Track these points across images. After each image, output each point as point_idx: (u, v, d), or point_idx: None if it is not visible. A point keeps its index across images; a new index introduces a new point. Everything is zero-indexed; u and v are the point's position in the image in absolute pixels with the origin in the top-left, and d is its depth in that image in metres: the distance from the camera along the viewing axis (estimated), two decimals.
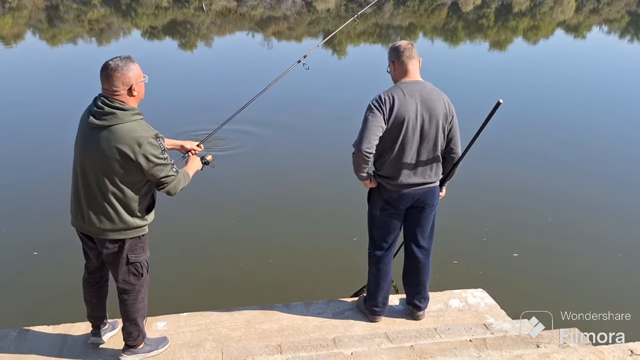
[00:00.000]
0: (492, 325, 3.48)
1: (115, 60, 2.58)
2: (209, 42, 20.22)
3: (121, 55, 2.62)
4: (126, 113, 2.59)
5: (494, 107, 3.01)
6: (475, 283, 4.21)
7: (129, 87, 2.59)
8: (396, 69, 3.12)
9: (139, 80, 2.64)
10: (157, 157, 2.63)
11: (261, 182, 6.87)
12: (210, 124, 3.48)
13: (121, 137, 2.56)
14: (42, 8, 26.41)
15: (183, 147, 3.26)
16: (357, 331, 3.46)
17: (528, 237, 5.68)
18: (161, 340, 3.25)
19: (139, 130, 2.59)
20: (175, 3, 28.73)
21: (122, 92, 2.59)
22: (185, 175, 2.88)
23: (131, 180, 2.67)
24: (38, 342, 3.27)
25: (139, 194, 2.73)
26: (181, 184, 2.82)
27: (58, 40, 19.49)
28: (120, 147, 2.56)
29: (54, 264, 4.92)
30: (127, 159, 2.58)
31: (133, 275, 2.92)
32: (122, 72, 2.56)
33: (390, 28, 23.60)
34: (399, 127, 3.02)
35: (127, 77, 2.58)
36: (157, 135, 2.65)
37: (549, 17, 27.67)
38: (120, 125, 2.57)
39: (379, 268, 3.42)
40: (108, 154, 2.58)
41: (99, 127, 2.59)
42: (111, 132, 2.57)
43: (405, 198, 3.22)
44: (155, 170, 2.65)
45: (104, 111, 2.57)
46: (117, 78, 2.56)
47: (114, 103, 2.58)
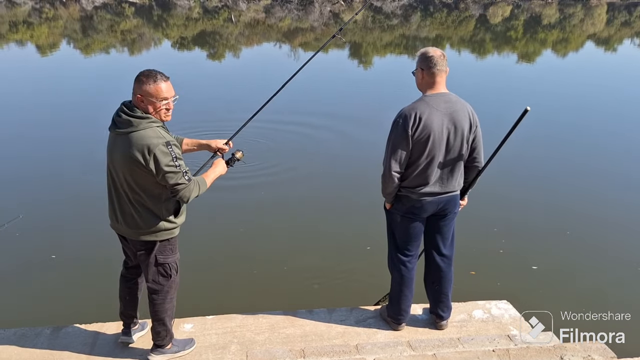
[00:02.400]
0: (515, 337, 3.47)
1: (147, 72, 2.72)
2: (236, 52, 20.55)
3: (160, 72, 2.75)
4: (142, 121, 2.68)
5: (521, 114, 3.02)
6: (492, 293, 4.21)
7: (139, 99, 2.71)
8: (424, 78, 3.12)
9: (155, 99, 2.72)
10: (167, 165, 2.68)
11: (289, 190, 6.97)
12: (238, 121, 3.54)
13: (134, 143, 2.66)
14: (77, 18, 27.25)
15: (210, 147, 3.29)
16: (380, 339, 3.49)
17: (546, 250, 5.62)
18: (188, 342, 3.33)
19: (150, 137, 2.67)
20: (205, 14, 29.29)
21: (136, 101, 2.73)
22: (200, 183, 2.89)
23: (148, 184, 2.76)
24: (71, 340, 3.38)
25: (161, 198, 2.82)
26: (194, 192, 2.82)
27: (91, 49, 20.06)
28: (133, 153, 2.66)
29: (84, 265, 5.07)
30: (140, 165, 2.68)
31: (162, 276, 3.01)
32: (140, 84, 2.70)
33: (417, 39, 23.61)
34: (425, 141, 3.05)
35: (136, 89, 2.71)
36: (168, 143, 2.69)
37: (579, 29, 27.33)
38: (135, 132, 2.67)
39: (402, 276, 3.44)
40: (126, 160, 2.70)
41: (120, 134, 2.72)
42: (129, 138, 2.68)
43: (428, 206, 3.24)
44: (165, 178, 2.71)
45: (122, 119, 2.69)
46: (136, 87, 2.71)
47: (132, 111, 2.69)
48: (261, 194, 6.75)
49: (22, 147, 8.41)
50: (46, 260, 5.16)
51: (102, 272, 4.64)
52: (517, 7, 33.11)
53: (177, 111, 2.87)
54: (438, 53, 3.08)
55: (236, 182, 6.80)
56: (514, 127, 3.11)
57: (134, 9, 30.36)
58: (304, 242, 5.68)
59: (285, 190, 6.96)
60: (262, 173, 7.37)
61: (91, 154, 7.38)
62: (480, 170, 3.31)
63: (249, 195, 6.72)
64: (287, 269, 5.11)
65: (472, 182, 3.37)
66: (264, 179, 7.19)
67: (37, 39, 22.05)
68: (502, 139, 3.17)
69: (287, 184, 7.16)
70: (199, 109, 9.83)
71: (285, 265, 5.18)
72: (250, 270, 5.07)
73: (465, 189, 3.38)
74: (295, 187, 7.10)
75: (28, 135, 8.99)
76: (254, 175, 7.25)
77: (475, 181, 3.36)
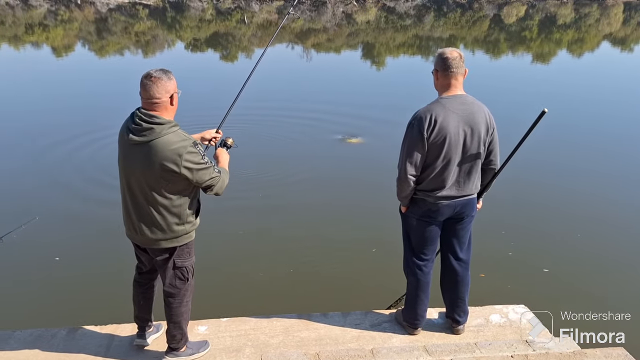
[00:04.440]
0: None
1: (157, 71, 2.69)
2: (249, 53, 20.59)
3: (162, 68, 2.74)
4: (163, 127, 2.66)
5: (539, 116, 2.98)
6: (503, 296, 4.15)
7: (170, 95, 2.69)
8: (439, 79, 3.09)
9: (176, 91, 2.75)
10: (198, 164, 2.71)
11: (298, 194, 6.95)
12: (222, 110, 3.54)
13: (161, 150, 2.64)
14: (92, 20, 27.49)
15: (203, 138, 3.32)
16: (395, 343, 3.45)
17: (555, 252, 5.56)
18: (202, 344, 3.32)
19: (177, 142, 2.66)
20: (219, 16, 29.41)
21: (164, 99, 2.68)
22: (226, 173, 2.97)
23: (178, 188, 2.76)
24: (86, 342, 3.38)
25: (188, 200, 2.83)
26: (225, 182, 2.92)
27: (106, 51, 20.24)
28: (163, 161, 2.64)
29: (99, 266, 5.10)
30: (171, 172, 2.67)
31: (179, 280, 3.01)
32: (164, 81, 2.67)
33: (431, 40, 23.48)
34: (441, 144, 3.01)
35: (168, 86, 2.68)
36: (195, 143, 2.73)
37: (595, 29, 27.00)
38: (160, 139, 2.65)
39: (418, 280, 3.40)
40: (151, 169, 2.67)
41: (139, 143, 2.68)
42: (151, 147, 2.65)
43: (445, 210, 3.20)
44: (200, 176, 2.74)
45: (142, 127, 2.65)
46: (160, 86, 2.65)
47: (151, 118, 2.66)
48: (268, 196, 6.75)
49: (41, 148, 8.48)
50: (61, 261, 5.19)
51: (115, 272, 4.66)
52: (532, 7, 32.78)
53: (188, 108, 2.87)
54: (454, 54, 3.03)
55: (248, 185, 6.82)
56: (531, 128, 3.07)
57: (147, 10, 30.57)
58: (314, 245, 5.64)
59: (292, 193, 6.95)
60: (270, 176, 7.40)
61: (108, 155, 7.41)
62: (496, 172, 3.26)
63: (256, 197, 6.73)
64: (293, 271, 5.09)
65: (488, 185, 3.32)
66: (270, 182, 7.22)
67: (52, 40, 22.29)
68: (519, 140, 3.13)
69: (295, 186, 7.16)
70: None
71: (291, 267, 5.16)
72: (257, 272, 5.06)
73: (481, 192, 3.34)
74: (304, 189, 7.10)
75: (46, 136, 9.08)
76: (265, 177, 7.26)
77: (491, 184, 3.32)
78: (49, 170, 7.62)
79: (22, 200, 6.56)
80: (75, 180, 7.25)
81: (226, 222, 5.89)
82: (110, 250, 5.17)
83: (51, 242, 5.54)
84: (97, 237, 5.61)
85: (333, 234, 5.85)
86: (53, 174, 7.51)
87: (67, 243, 5.57)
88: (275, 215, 6.30)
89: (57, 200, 6.63)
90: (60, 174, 7.47)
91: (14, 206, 6.35)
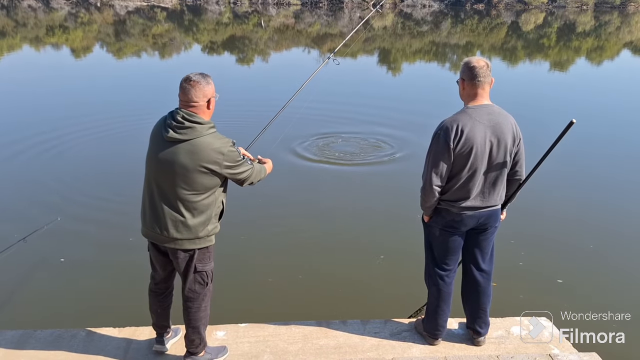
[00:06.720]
0: (557, 357, 3.35)
1: (196, 75, 2.75)
2: (265, 57, 20.68)
3: (202, 72, 2.79)
4: (204, 127, 2.73)
5: (567, 126, 2.94)
6: (514, 306, 4.11)
7: (207, 99, 2.76)
8: (465, 89, 3.06)
9: (214, 95, 2.80)
10: (237, 161, 2.84)
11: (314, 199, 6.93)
12: None
13: (203, 150, 2.71)
14: (110, 23, 27.83)
15: None
16: (415, 353, 3.41)
17: (568, 263, 5.47)
18: (221, 349, 3.31)
19: (217, 143, 2.75)
20: (236, 19, 29.59)
21: (202, 103, 2.75)
22: (260, 168, 3.09)
23: (210, 186, 2.81)
24: (105, 344, 3.38)
25: (215, 200, 2.86)
26: (260, 174, 3.06)
27: (123, 53, 20.45)
28: (205, 162, 2.72)
29: (118, 266, 5.12)
30: (212, 171, 2.75)
31: (199, 284, 3.00)
32: (203, 85, 2.73)
33: (447, 46, 23.40)
34: (468, 155, 2.97)
35: (206, 91, 2.75)
36: (233, 143, 2.84)
37: (615, 37, 26.71)
38: (201, 139, 2.72)
39: (440, 290, 3.36)
40: (190, 166, 2.72)
41: (178, 140, 2.72)
42: (192, 145, 2.71)
43: (469, 220, 3.16)
44: (238, 170, 2.87)
45: (184, 125, 2.70)
46: (199, 90, 2.72)
47: (193, 117, 2.72)
48: (288, 204, 6.74)
49: (66, 149, 8.56)
50: (80, 262, 5.22)
51: (133, 274, 4.67)
52: (550, 14, 32.57)
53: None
54: (481, 64, 3.00)
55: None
56: (559, 139, 3.02)
57: (165, 13, 30.88)
58: (333, 251, 5.60)
59: (309, 200, 6.94)
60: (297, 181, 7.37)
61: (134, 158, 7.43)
62: (521, 183, 3.22)
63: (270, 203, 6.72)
64: (312, 278, 5.06)
65: (512, 196, 3.28)
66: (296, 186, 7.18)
67: (72, 42, 22.59)
68: (546, 151, 3.09)
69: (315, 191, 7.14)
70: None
71: (310, 274, 5.12)
72: (274, 278, 5.02)
73: (505, 203, 3.29)
74: (321, 196, 7.08)
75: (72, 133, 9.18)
76: (292, 180, 7.26)
77: (515, 194, 3.27)
78: (72, 172, 7.67)
79: (45, 200, 6.60)
80: (94, 183, 7.29)
81: (246, 228, 5.87)
82: (131, 253, 5.17)
83: (70, 242, 5.55)
84: (115, 238, 5.63)
85: (352, 241, 5.81)
86: (76, 174, 7.57)
87: (87, 244, 5.59)
88: (294, 221, 6.29)
89: (79, 200, 6.67)
90: (82, 175, 7.53)
91: (36, 206, 6.38)
